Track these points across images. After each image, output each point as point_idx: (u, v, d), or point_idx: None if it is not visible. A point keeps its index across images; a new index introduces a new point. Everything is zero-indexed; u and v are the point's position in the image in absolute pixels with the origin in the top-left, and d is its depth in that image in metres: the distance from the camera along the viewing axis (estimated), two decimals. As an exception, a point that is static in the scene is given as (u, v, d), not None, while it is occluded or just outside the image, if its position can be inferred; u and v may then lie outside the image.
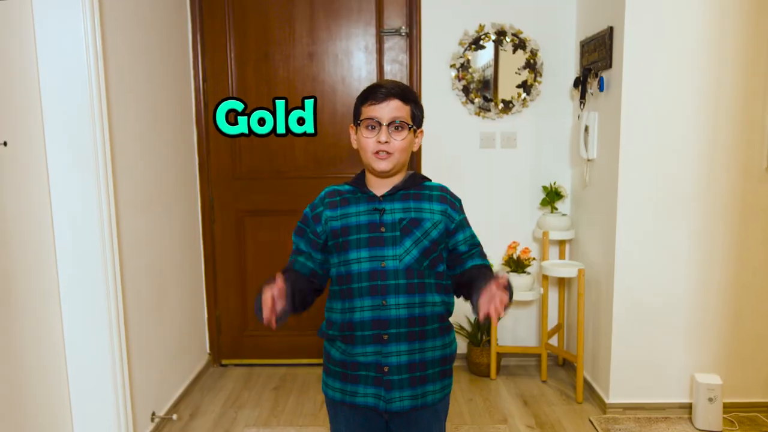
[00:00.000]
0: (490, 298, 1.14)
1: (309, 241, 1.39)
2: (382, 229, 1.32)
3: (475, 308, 1.19)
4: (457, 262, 1.39)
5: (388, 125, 1.31)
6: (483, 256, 1.42)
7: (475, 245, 1.41)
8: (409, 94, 1.33)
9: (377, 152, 1.31)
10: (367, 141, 1.33)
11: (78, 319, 1.95)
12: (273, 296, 1.16)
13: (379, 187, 1.37)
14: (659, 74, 2.31)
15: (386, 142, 1.30)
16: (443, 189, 1.41)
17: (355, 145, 1.38)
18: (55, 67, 1.84)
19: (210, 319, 3.11)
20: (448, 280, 1.39)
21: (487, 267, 1.38)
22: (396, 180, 1.37)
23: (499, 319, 1.14)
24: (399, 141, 1.31)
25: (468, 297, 1.35)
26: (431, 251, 1.34)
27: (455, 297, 1.42)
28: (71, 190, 1.90)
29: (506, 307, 1.14)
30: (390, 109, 1.30)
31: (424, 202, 1.36)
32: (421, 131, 1.39)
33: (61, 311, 1.94)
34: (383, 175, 1.35)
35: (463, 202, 1.44)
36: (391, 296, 1.31)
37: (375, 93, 1.32)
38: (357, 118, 1.36)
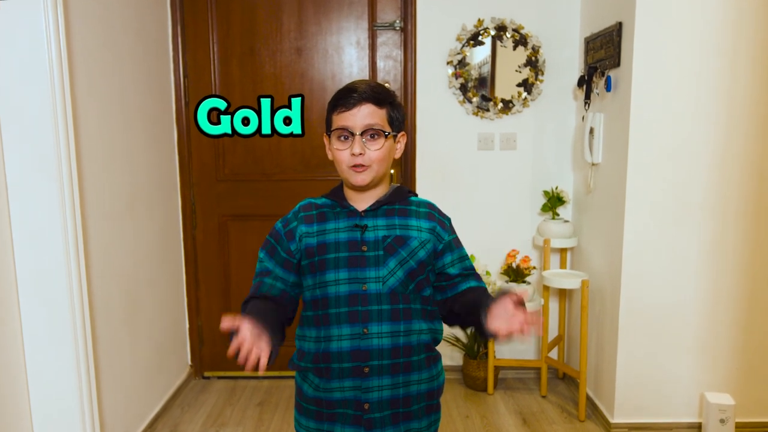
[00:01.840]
0: (508, 316, 1.01)
1: (281, 260, 1.23)
2: (364, 248, 1.17)
3: (483, 331, 1.06)
4: (447, 286, 1.24)
5: (362, 134, 1.15)
6: (479, 279, 1.27)
7: (467, 268, 1.26)
8: (383, 96, 1.17)
9: (353, 166, 1.16)
10: (340, 153, 1.17)
11: (40, 335, 1.78)
12: (250, 347, 0.98)
13: (360, 201, 1.21)
14: (671, 74, 2.15)
15: (360, 153, 1.14)
16: (431, 206, 1.26)
17: (330, 157, 1.21)
18: (10, 60, 1.66)
19: (192, 329, 2.94)
20: (435, 306, 1.25)
21: (485, 290, 1.23)
22: (379, 193, 1.22)
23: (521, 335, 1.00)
24: (375, 151, 1.16)
25: (468, 323, 1.20)
26: (418, 273, 1.19)
27: (447, 325, 1.28)
28: (31, 196, 1.72)
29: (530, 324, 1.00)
30: (362, 116, 1.14)
31: (411, 219, 1.21)
32: (403, 135, 1.23)
33: (21, 327, 1.77)
34: (362, 189, 1.20)
35: (459, 208, 1.28)
36: (374, 324, 1.16)
37: (345, 98, 1.15)
38: (328, 128, 1.20)
